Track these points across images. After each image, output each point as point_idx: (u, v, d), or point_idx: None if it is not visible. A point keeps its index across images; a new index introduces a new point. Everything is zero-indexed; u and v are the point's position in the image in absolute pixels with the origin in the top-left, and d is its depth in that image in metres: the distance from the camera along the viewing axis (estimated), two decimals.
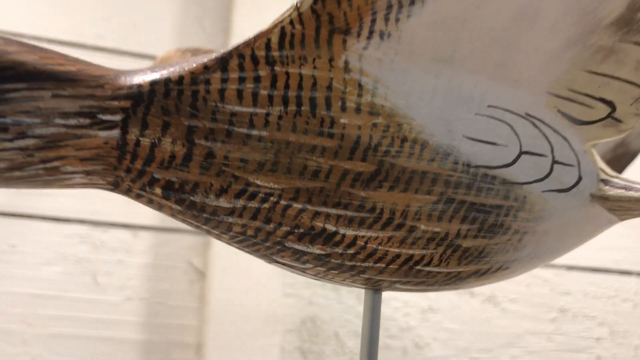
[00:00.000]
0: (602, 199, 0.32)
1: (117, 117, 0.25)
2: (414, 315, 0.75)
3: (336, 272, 0.29)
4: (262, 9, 0.72)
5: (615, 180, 0.33)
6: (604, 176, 0.32)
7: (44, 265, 0.66)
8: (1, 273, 0.64)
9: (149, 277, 0.68)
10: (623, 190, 0.32)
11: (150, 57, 0.74)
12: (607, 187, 0.32)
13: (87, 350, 0.65)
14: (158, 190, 0.26)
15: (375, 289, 0.31)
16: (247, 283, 0.68)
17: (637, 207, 0.33)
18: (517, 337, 0.80)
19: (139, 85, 0.25)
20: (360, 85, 0.26)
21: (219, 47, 0.76)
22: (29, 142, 0.24)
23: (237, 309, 0.67)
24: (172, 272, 0.69)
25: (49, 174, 0.25)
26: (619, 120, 0.31)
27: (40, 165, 0.24)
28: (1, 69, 0.23)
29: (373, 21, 0.24)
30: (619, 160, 0.65)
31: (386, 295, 0.76)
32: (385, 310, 0.75)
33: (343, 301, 0.74)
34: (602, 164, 0.33)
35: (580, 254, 0.84)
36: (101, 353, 0.65)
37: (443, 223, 0.28)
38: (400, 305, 0.76)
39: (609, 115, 0.31)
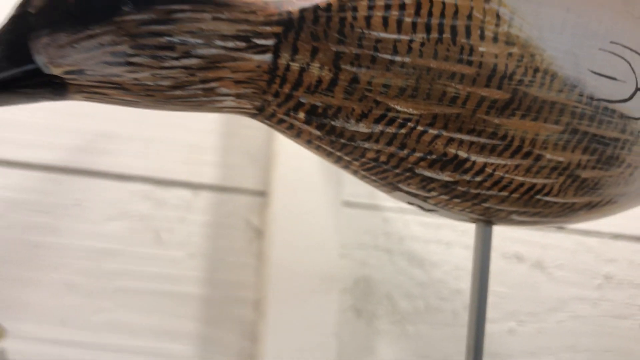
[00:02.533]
0: None
1: (270, 42, 0.26)
2: (464, 279, 0.77)
3: (459, 200, 0.30)
4: None
5: None
6: None
7: (108, 221, 0.67)
8: (67, 227, 0.66)
9: (209, 234, 0.70)
10: None
11: None
12: None
13: (150, 303, 0.67)
14: (301, 115, 0.28)
15: (489, 220, 0.32)
16: (305, 242, 0.70)
17: None
18: (563, 303, 0.81)
19: (289, 12, 0.27)
20: (498, 16, 0.27)
21: None
22: (192, 61, 0.25)
23: (294, 268, 0.69)
24: (231, 230, 0.71)
25: (205, 95, 0.26)
26: None
27: (200, 85, 0.26)
28: None
29: None
30: None
31: (436, 258, 0.78)
32: (435, 273, 0.77)
33: (395, 262, 0.75)
34: None
35: (626, 223, 0.85)
36: (164, 306, 0.67)
37: (567, 153, 0.29)
38: (451, 268, 0.77)
39: None
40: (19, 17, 0.25)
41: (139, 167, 0.69)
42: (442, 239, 0.77)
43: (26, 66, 0.24)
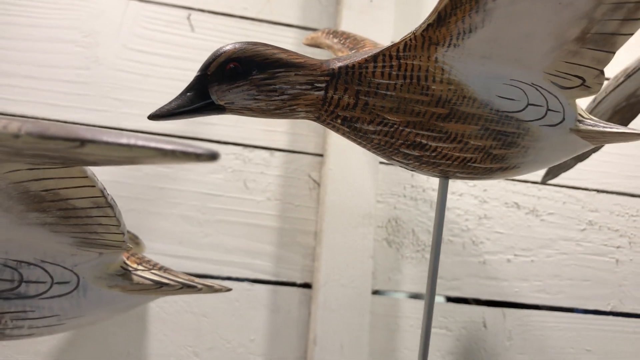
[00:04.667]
0: (577, 131, 0.56)
1: (323, 85, 0.51)
2: (472, 221, 1.00)
3: (425, 166, 0.55)
4: None
5: (587, 120, 0.57)
6: (580, 118, 0.56)
7: (210, 173, 0.94)
8: (182, 177, 0.93)
9: (281, 184, 0.96)
10: (590, 127, 0.56)
11: (281, 24, 0.99)
12: (580, 124, 0.56)
13: (241, 232, 0.93)
14: (339, 121, 0.52)
15: (444, 177, 0.56)
16: (350, 191, 0.94)
17: (601, 136, 0.56)
18: (552, 242, 1.03)
19: (333, 69, 0.51)
20: (442, 70, 0.51)
21: (330, 15, 1.01)
22: (285, 97, 0.50)
23: (344, 208, 0.94)
24: (297, 182, 0.96)
25: (290, 112, 0.51)
26: (588, 87, 0.55)
27: (288, 108, 0.51)
28: (273, 62, 0.50)
29: (450, 39, 0.49)
30: (632, 107, 0.86)
31: (451, 204, 1.01)
32: (450, 216, 1.01)
33: (419, 208, 0.99)
34: (580, 110, 0.57)
35: (609, 181, 1.06)
36: (250, 234, 0.94)
37: (483, 140, 0.53)
38: (462, 213, 1.00)
39: (581, 84, 0.54)
40: (202, 77, 0.50)
41: (232, 135, 0.94)
42: (456, 190, 1.00)
43: (206, 100, 0.50)
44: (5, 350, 0.84)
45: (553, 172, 0.92)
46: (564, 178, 1.03)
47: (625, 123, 0.89)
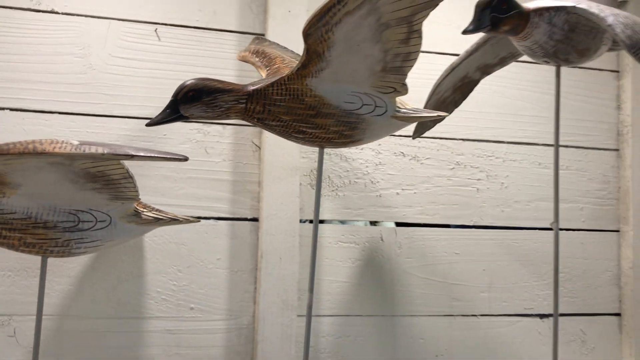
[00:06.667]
0: (395, 117, 0.97)
1: (244, 101, 0.92)
2: (370, 167, 1.41)
3: (307, 142, 0.96)
4: None
5: (403, 110, 0.98)
6: (397, 109, 0.97)
7: (181, 144, 1.32)
8: (161, 147, 1.31)
9: (232, 148, 1.35)
10: (403, 114, 0.97)
11: (224, 30, 1.36)
12: (398, 113, 0.97)
13: (205, 185, 1.33)
14: (255, 120, 0.94)
15: (321, 147, 0.97)
16: (282, 151, 1.34)
17: (411, 119, 0.98)
18: (429, 178, 1.45)
19: (249, 91, 0.91)
20: (310, 89, 0.92)
21: (260, 22, 1.38)
22: (223, 109, 0.91)
23: (278, 164, 1.33)
24: (244, 147, 1.35)
25: (226, 117, 0.92)
26: (399, 92, 0.95)
27: (225, 115, 0.92)
28: (215, 90, 0.89)
29: (313, 74, 0.90)
30: (467, 85, 1.27)
31: (356, 156, 1.42)
32: (355, 164, 1.41)
33: (332, 160, 1.40)
34: (399, 104, 0.98)
35: (471, 132, 1.48)
36: (212, 186, 1.33)
37: (337, 127, 0.94)
38: (363, 162, 1.41)
39: (394, 91, 0.95)
40: (174, 100, 0.89)
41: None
42: (358, 146, 1.40)
43: (178, 114, 0.89)
44: (46, 276, 1.23)
45: (419, 132, 1.33)
46: (436, 132, 1.44)
47: (465, 95, 1.30)
